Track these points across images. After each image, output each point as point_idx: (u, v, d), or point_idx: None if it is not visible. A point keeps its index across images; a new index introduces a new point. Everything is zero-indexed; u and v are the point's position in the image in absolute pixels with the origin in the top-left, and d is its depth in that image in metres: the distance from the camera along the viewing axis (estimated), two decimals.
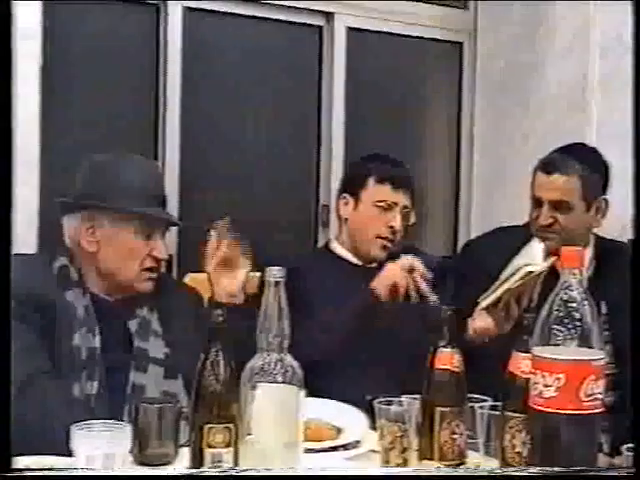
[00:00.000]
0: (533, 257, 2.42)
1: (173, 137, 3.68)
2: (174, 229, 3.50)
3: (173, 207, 3.59)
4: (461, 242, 4.33)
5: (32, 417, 1.82)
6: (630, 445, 1.52)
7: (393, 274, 2.65)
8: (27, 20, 2.97)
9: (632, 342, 1.60)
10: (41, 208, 3.05)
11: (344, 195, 2.85)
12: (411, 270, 2.64)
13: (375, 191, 2.77)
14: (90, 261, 2.20)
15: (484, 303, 2.49)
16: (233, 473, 1.50)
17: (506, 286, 2.44)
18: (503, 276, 2.45)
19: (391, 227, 2.75)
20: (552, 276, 1.63)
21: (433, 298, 2.58)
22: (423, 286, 2.63)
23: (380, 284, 2.65)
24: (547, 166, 2.72)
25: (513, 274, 2.42)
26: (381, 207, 2.76)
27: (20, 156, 1.52)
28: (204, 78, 3.81)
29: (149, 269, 2.19)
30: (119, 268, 2.18)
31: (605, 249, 2.84)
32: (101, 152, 2.32)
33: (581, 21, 3.74)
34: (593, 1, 3.69)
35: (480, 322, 2.54)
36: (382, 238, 2.75)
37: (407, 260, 2.68)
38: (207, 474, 1.48)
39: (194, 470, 1.55)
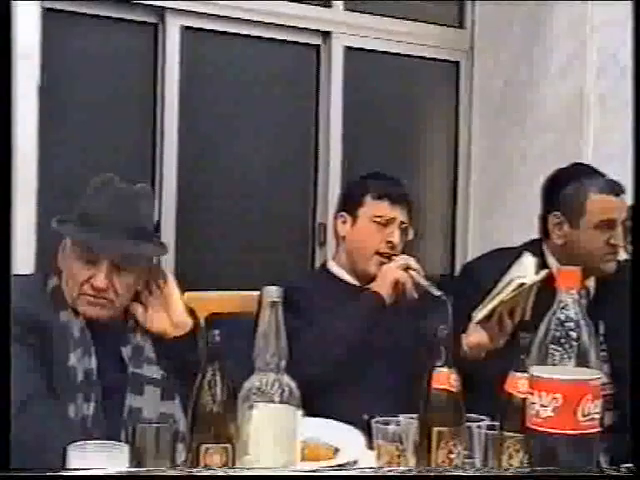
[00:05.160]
0: (525, 270, 2.43)
1: (171, 155, 3.68)
2: (172, 242, 3.52)
3: (170, 225, 3.60)
4: (458, 261, 4.33)
5: (29, 438, 1.81)
6: (629, 465, 1.52)
7: (392, 272, 2.67)
8: (25, 39, 2.97)
9: (631, 355, 1.60)
10: (39, 227, 3.05)
11: (341, 214, 2.85)
12: (407, 268, 2.65)
13: (372, 207, 2.77)
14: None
15: (478, 317, 2.49)
16: (230, 473, 1.49)
17: (499, 299, 2.44)
18: (496, 290, 2.46)
19: (389, 242, 2.74)
20: (548, 295, 1.63)
21: (436, 292, 2.58)
22: (423, 281, 2.64)
23: (381, 284, 2.66)
24: (613, 189, 2.75)
25: (505, 287, 2.43)
26: (379, 223, 2.75)
27: (18, 175, 1.52)
28: (202, 96, 3.82)
29: (88, 295, 2.16)
30: (65, 289, 2.18)
31: None
32: (98, 171, 2.30)
33: (578, 41, 3.76)
34: (589, 22, 3.71)
35: (474, 337, 2.54)
36: (380, 254, 2.74)
37: (402, 259, 2.69)
38: (203, 474, 1.47)
39: (191, 470, 1.55)
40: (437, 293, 2.58)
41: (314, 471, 1.79)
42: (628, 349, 1.64)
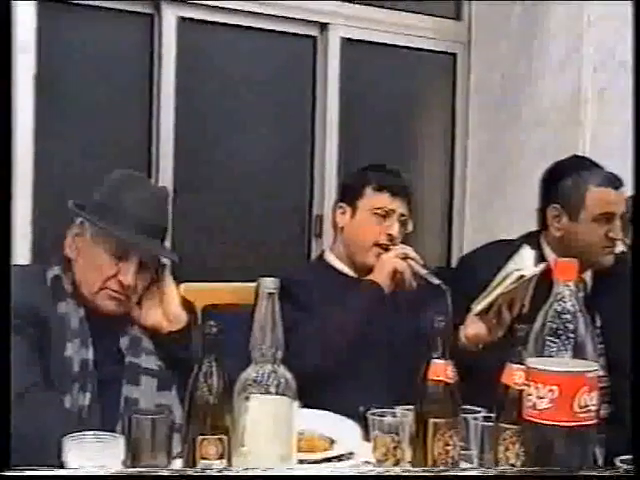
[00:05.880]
0: (524, 263, 2.43)
1: (167, 146, 3.67)
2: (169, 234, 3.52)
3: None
4: (454, 254, 4.33)
5: (25, 429, 1.81)
6: (624, 457, 1.52)
7: (391, 262, 2.67)
8: (22, 31, 2.97)
9: (632, 349, 1.61)
10: (34, 218, 3.05)
11: (341, 204, 2.85)
12: (405, 257, 2.65)
13: (372, 199, 2.77)
14: (70, 268, 2.19)
15: (477, 308, 2.50)
16: (227, 473, 1.49)
17: (498, 291, 2.44)
18: (495, 282, 2.46)
19: (389, 235, 2.74)
20: (546, 287, 1.63)
21: (435, 280, 2.58)
22: (422, 270, 2.64)
23: (380, 273, 2.66)
24: (613, 182, 2.75)
25: (505, 279, 2.43)
26: (378, 214, 2.75)
27: (15, 168, 1.52)
28: (198, 88, 3.81)
29: (112, 290, 2.16)
30: (83, 280, 2.16)
31: None
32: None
33: (575, 36, 3.76)
34: (586, 16, 3.71)
35: (472, 329, 2.54)
36: (379, 246, 2.74)
37: (400, 248, 2.69)
38: (201, 474, 1.47)
39: (189, 470, 1.55)
40: (436, 282, 2.58)
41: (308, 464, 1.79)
42: (624, 342, 1.65)
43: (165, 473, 1.46)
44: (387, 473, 1.50)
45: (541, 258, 2.60)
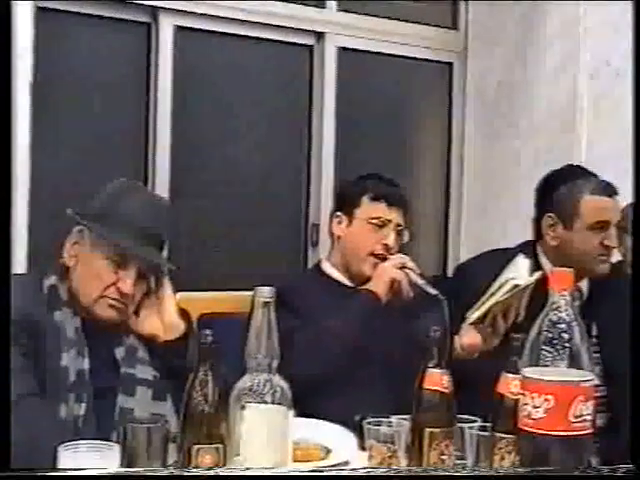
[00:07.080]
0: (519, 272, 2.43)
1: (163, 155, 3.68)
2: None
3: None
4: (450, 262, 4.33)
5: (20, 438, 1.81)
6: (623, 467, 1.51)
7: (388, 271, 2.66)
8: (19, 39, 2.97)
9: (631, 356, 1.61)
10: (31, 226, 3.04)
11: (337, 213, 2.85)
12: (403, 267, 2.65)
13: (369, 208, 2.77)
14: (67, 277, 2.19)
15: (472, 317, 2.50)
16: (220, 473, 1.49)
17: (493, 300, 2.44)
18: (490, 291, 2.46)
19: (385, 244, 2.74)
20: (541, 297, 1.63)
21: (432, 291, 2.57)
22: (419, 280, 2.63)
23: (378, 283, 2.66)
24: (607, 190, 2.74)
25: (499, 288, 2.43)
26: (375, 224, 2.75)
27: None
28: (195, 97, 3.81)
29: (111, 298, 2.16)
30: (82, 288, 2.15)
31: None
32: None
33: (571, 44, 3.76)
34: (582, 23, 3.72)
35: (467, 338, 2.54)
36: (375, 255, 2.74)
37: (398, 258, 2.69)
38: (197, 474, 1.47)
39: (185, 470, 1.55)
40: (433, 292, 2.57)
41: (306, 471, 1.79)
42: (621, 351, 1.64)
43: (164, 473, 1.46)
44: (386, 474, 1.49)
45: (537, 267, 2.60)
